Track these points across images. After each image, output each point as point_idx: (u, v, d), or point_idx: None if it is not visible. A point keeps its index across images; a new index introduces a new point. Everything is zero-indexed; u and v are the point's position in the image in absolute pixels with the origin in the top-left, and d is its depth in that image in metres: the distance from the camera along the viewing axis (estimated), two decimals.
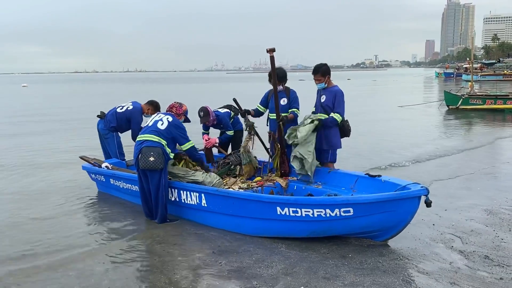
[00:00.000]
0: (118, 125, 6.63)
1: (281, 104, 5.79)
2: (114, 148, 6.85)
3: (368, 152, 9.50)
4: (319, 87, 5.57)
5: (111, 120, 6.65)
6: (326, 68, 5.54)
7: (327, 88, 5.55)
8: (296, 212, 4.33)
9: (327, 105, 5.49)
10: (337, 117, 5.44)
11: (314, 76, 5.55)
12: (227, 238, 4.70)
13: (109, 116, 6.70)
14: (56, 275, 4.00)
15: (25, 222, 5.44)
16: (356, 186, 5.14)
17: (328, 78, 5.54)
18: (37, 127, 15.09)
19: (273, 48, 5.28)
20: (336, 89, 5.50)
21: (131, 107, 6.62)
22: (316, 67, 5.60)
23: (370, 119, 15.84)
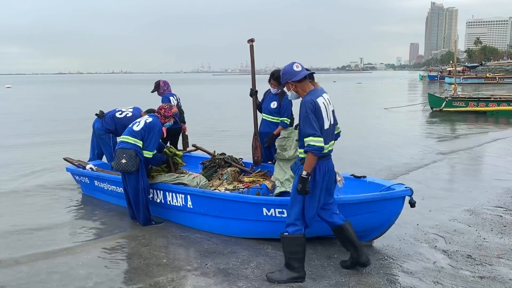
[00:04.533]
0: (114, 129, 6.58)
1: (270, 107, 5.78)
2: (109, 149, 6.77)
3: (353, 154, 9.57)
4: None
5: (108, 122, 6.58)
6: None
7: None
8: (282, 213, 4.34)
9: None
10: None
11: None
12: (213, 240, 4.69)
13: (107, 118, 6.63)
14: (39, 278, 3.94)
15: (6, 225, 5.34)
16: (342, 187, 5.16)
17: None
18: (22, 127, 14.87)
19: (252, 38, 5.38)
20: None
21: (130, 114, 6.52)
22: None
23: (355, 121, 15.96)
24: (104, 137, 6.75)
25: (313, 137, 3.46)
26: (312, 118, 3.49)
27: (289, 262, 3.72)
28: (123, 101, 7.03)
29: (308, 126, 3.49)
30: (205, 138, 10.55)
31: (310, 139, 3.47)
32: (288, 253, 3.72)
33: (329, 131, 3.66)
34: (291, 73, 3.68)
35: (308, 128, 3.48)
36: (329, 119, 3.65)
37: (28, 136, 13.12)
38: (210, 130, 12.99)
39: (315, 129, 3.47)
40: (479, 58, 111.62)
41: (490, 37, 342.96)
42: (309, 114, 3.50)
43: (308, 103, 3.54)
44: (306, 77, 3.70)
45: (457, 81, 24.65)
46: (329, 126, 3.64)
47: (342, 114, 17.75)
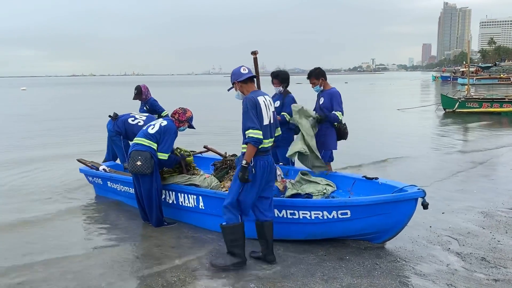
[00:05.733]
0: (124, 133, 6.64)
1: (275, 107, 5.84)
2: (121, 151, 6.83)
3: (366, 155, 9.51)
4: (316, 90, 5.75)
5: (120, 126, 6.64)
6: (319, 71, 5.70)
7: (324, 90, 5.70)
8: (294, 214, 4.35)
9: (325, 107, 5.61)
10: (338, 114, 5.55)
11: (309, 80, 5.72)
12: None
13: (119, 121, 6.68)
14: (53, 277, 3.99)
15: (23, 225, 5.43)
16: (354, 188, 5.15)
17: (323, 81, 5.68)
18: (37, 129, 15.08)
19: (256, 50, 5.50)
20: (333, 91, 5.65)
21: (141, 123, 6.52)
22: (310, 71, 5.78)
23: (368, 122, 15.88)
24: (115, 138, 6.82)
25: (252, 129, 3.79)
26: (252, 113, 3.83)
27: (231, 250, 4.02)
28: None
29: (248, 120, 3.83)
30: (216, 139, 10.57)
31: (250, 132, 3.80)
32: (228, 241, 4.02)
33: (268, 128, 3.97)
34: (238, 74, 4.07)
35: (248, 122, 3.82)
36: (269, 117, 3.97)
37: (43, 136, 13.30)
38: (220, 131, 13.01)
39: (254, 123, 3.81)
40: (493, 58, 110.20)
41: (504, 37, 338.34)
42: (249, 110, 3.84)
43: (248, 99, 3.89)
44: (251, 80, 4.08)
45: (470, 82, 24.37)
46: (268, 123, 3.96)
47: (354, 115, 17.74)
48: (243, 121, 3.88)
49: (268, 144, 3.96)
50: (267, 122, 3.95)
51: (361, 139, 11.49)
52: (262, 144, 3.85)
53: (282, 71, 6.09)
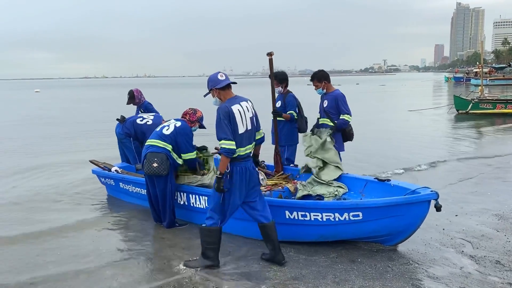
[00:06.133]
0: (134, 134, 6.68)
1: (276, 106, 6.01)
2: (132, 152, 6.88)
3: (377, 157, 9.47)
4: (318, 92, 5.75)
5: (128, 127, 6.68)
6: (321, 74, 5.69)
7: (328, 93, 5.69)
8: (305, 216, 4.33)
9: (329, 110, 5.60)
10: (347, 117, 5.53)
11: (312, 83, 5.72)
12: (235, 242, 4.70)
13: (128, 123, 6.74)
14: (66, 278, 4.03)
15: (33, 225, 5.49)
16: (365, 190, 5.11)
17: (325, 83, 5.66)
18: (50, 130, 15.27)
19: (271, 52, 5.53)
20: (337, 93, 5.63)
21: (150, 123, 6.58)
22: (312, 74, 5.79)
23: (380, 123, 15.79)
24: (125, 141, 6.87)
25: (225, 140, 3.82)
26: (224, 123, 3.84)
27: (205, 252, 4.10)
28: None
29: (221, 131, 3.86)
30: None
31: (223, 142, 3.83)
32: (204, 243, 4.10)
33: (245, 136, 3.97)
34: (215, 81, 4.02)
35: (220, 133, 3.86)
36: (245, 125, 3.96)
37: (56, 138, 13.46)
38: None
39: (227, 134, 3.82)
40: (507, 59, 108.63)
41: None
42: (222, 120, 3.85)
43: (222, 110, 3.89)
44: (228, 86, 4.04)
45: (484, 83, 24.07)
46: (244, 131, 3.95)
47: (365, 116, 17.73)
48: (216, 131, 3.90)
49: (245, 152, 3.99)
50: (243, 130, 3.94)
51: (372, 142, 11.43)
52: (236, 153, 3.88)
53: (279, 72, 6.18)
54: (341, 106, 5.52)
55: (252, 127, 4.06)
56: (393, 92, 45.34)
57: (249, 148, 4.07)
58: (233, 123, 3.88)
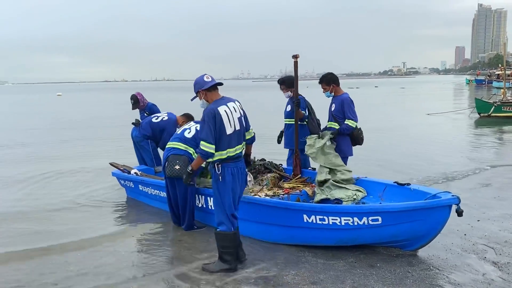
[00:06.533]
0: (152, 134, 6.76)
1: (286, 111, 6.15)
2: (150, 155, 6.98)
3: (397, 161, 9.35)
4: (326, 95, 5.75)
5: (145, 128, 6.78)
6: (330, 77, 5.67)
7: (336, 96, 5.66)
8: (323, 220, 4.30)
9: (336, 114, 5.59)
10: (351, 123, 5.47)
11: (321, 86, 5.71)
12: (253, 246, 4.70)
13: (144, 124, 6.84)
14: (87, 277, 4.10)
15: (54, 226, 5.60)
16: (385, 194, 5.06)
17: (334, 87, 5.63)
18: (68, 134, 15.53)
19: (297, 54, 5.55)
20: (344, 97, 5.57)
21: (166, 118, 6.72)
22: (321, 77, 5.76)
23: (398, 127, 15.61)
24: (143, 143, 6.96)
25: (205, 142, 3.88)
26: (208, 126, 3.88)
27: (222, 256, 4.12)
28: (164, 109, 7.22)
29: (203, 132, 3.92)
30: None
31: (202, 144, 3.90)
32: (220, 247, 4.13)
33: (233, 136, 4.00)
34: (201, 83, 4.06)
35: (203, 134, 3.92)
36: (233, 125, 4.00)
37: (78, 140, 13.71)
38: None
39: (208, 137, 3.87)
40: None
41: None
42: (206, 122, 3.90)
43: (208, 112, 3.92)
44: (214, 88, 4.08)
45: (506, 85, 23.55)
46: (232, 131, 3.99)
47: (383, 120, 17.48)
48: (199, 130, 3.98)
49: (234, 152, 4.02)
50: (231, 131, 3.97)
51: (389, 146, 11.30)
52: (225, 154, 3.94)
53: (287, 77, 6.22)
54: (346, 111, 5.48)
55: (240, 127, 4.10)
56: (412, 95, 44.73)
57: (239, 148, 4.10)
58: (219, 124, 3.91)
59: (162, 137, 6.63)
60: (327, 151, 5.39)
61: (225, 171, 3.99)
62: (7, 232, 5.44)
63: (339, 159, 5.40)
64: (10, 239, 5.18)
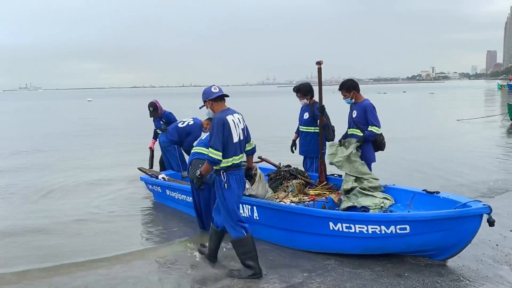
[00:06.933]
0: (179, 139, 6.88)
1: (303, 118, 6.20)
2: (176, 160, 7.11)
3: (424, 168, 9.16)
4: (347, 102, 5.73)
5: (172, 133, 6.91)
6: (350, 84, 5.66)
7: (357, 103, 5.64)
8: (350, 228, 4.26)
9: (358, 121, 5.56)
10: (375, 129, 5.45)
11: (341, 92, 5.71)
12: (278, 252, 4.70)
13: (170, 130, 6.97)
14: (115, 281, 4.19)
15: (85, 230, 5.73)
16: (413, 202, 4.97)
17: (354, 93, 5.62)
18: (96, 139, 15.89)
19: (320, 60, 5.63)
20: (366, 103, 5.55)
21: (192, 123, 6.85)
22: (341, 83, 5.75)
23: (427, 133, 15.29)
24: (170, 148, 7.09)
25: (213, 149, 4.05)
26: (217, 134, 4.06)
27: (244, 262, 4.17)
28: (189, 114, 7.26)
29: (212, 139, 4.09)
30: (270, 148, 10.61)
31: (210, 151, 4.07)
32: (240, 254, 4.19)
33: (238, 145, 4.20)
34: (208, 93, 4.28)
35: (211, 141, 4.09)
36: (238, 135, 4.18)
37: (108, 145, 14.04)
38: (275, 140, 13.03)
39: (217, 144, 4.04)
40: None
41: None
42: (216, 130, 4.07)
43: (218, 119, 4.12)
44: (221, 98, 4.27)
45: None
46: (238, 140, 4.18)
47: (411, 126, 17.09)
48: (209, 138, 4.16)
49: (238, 160, 4.22)
50: (237, 139, 4.17)
51: (418, 153, 11.09)
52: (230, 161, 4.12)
53: (303, 84, 6.31)
54: (369, 117, 5.45)
55: (243, 138, 4.29)
56: (442, 100, 43.77)
57: (242, 157, 4.31)
58: (228, 132, 4.10)
59: (187, 140, 6.74)
60: (353, 159, 5.35)
61: (230, 179, 4.15)
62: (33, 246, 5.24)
63: (366, 167, 5.36)
64: (37, 254, 4.97)
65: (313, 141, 6.07)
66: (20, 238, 5.47)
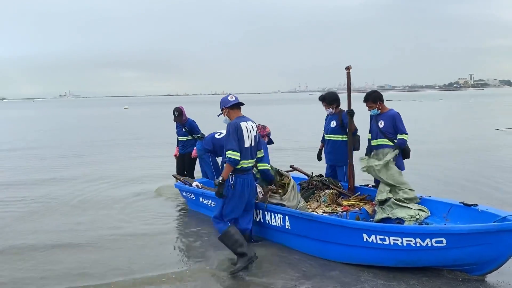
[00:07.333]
0: (213, 148, 6.99)
1: (330, 126, 6.24)
2: (209, 168, 7.24)
3: (462, 179, 8.89)
4: (372, 113, 5.81)
5: (207, 143, 7.03)
6: (376, 95, 5.80)
7: (383, 113, 5.74)
8: (384, 240, 4.20)
9: (386, 131, 5.64)
10: (406, 137, 5.56)
11: (366, 104, 5.81)
12: (310, 263, 4.68)
13: (207, 139, 7.09)
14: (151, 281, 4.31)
15: (121, 238, 5.84)
16: (450, 215, 4.84)
17: (380, 104, 5.74)
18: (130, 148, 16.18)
19: (349, 66, 5.77)
20: (394, 113, 5.69)
21: None
22: (366, 95, 5.85)
23: (464, 142, 14.84)
24: (204, 156, 7.21)
25: (231, 151, 4.41)
26: (233, 137, 4.45)
27: (236, 251, 4.49)
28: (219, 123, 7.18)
29: (229, 142, 4.47)
30: (302, 157, 10.57)
31: (229, 153, 4.41)
32: (231, 246, 4.52)
33: (249, 151, 4.56)
34: (225, 101, 4.69)
35: (228, 144, 4.47)
36: (250, 140, 4.56)
37: (145, 151, 14.40)
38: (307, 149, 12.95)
39: (233, 146, 4.42)
40: None
41: None
42: (231, 134, 4.46)
43: (232, 125, 4.53)
44: (237, 106, 4.68)
45: None
46: (249, 146, 4.55)
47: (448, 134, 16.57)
48: (225, 143, 4.55)
49: (248, 165, 4.59)
50: (248, 145, 4.53)
51: (455, 162, 10.77)
52: (240, 164, 4.47)
53: (328, 93, 6.37)
54: (399, 126, 5.58)
55: (255, 144, 4.66)
56: (480, 108, 42.33)
57: (251, 162, 4.66)
58: (240, 137, 4.48)
59: (223, 154, 6.83)
60: (390, 166, 5.33)
61: (237, 181, 4.52)
62: (63, 263, 4.99)
63: (402, 177, 5.30)
64: (67, 272, 4.74)
65: (341, 149, 6.07)
66: (47, 254, 5.25)
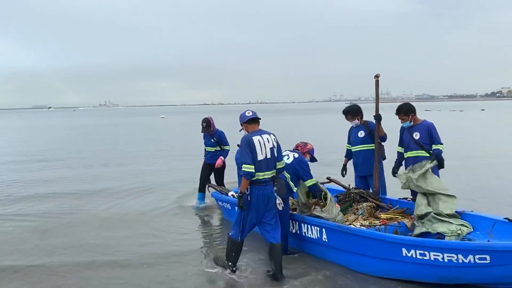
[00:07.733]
0: None
1: (358, 137, 6.33)
2: None
3: (507, 194, 8.53)
4: (405, 125, 5.82)
5: None
6: (408, 108, 5.81)
7: (416, 124, 5.76)
8: (424, 255, 4.10)
9: (423, 142, 5.66)
10: (441, 147, 5.60)
11: (398, 116, 5.83)
12: (348, 276, 4.62)
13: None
14: None
15: (151, 239, 5.99)
16: (494, 231, 4.68)
17: (412, 116, 5.77)
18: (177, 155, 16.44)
19: (378, 74, 5.91)
20: (429, 123, 5.73)
21: None
22: (398, 108, 5.88)
23: (506, 156, 14.24)
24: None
25: (245, 164, 4.53)
26: (245, 150, 4.58)
27: (228, 256, 4.84)
28: None
29: (242, 156, 4.60)
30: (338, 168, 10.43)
31: (243, 166, 4.53)
32: (228, 250, 4.83)
33: (263, 163, 4.63)
34: (243, 117, 4.86)
35: (242, 158, 4.59)
36: (264, 153, 4.63)
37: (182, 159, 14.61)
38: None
39: (246, 159, 4.54)
40: None
41: None
42: (244, 148, 4.62)
43: (244, 140, 4.69)
44: (254, 121, 4.83)
45: None
46: (263, 158, 4.62)
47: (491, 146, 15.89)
48: (239, 156, 4.73)
49: (263, 176, 4.64)
50: (262, 157, 4.60)
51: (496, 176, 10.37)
52: (255, 176, 4.56)
53: (351, 106, 6.50)
54: (435, 136, 5.62)
55: (272, 156, 4.69)
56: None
57: (268, 174, 4.68)
58: (252, 150, 4.59)
59: None
60: (429, 175, 5.29)
61: (252, 192, 4.60)
62: None
63: (442, 182, 5.26)
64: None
65: (373, 159, 6.07)
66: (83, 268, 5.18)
